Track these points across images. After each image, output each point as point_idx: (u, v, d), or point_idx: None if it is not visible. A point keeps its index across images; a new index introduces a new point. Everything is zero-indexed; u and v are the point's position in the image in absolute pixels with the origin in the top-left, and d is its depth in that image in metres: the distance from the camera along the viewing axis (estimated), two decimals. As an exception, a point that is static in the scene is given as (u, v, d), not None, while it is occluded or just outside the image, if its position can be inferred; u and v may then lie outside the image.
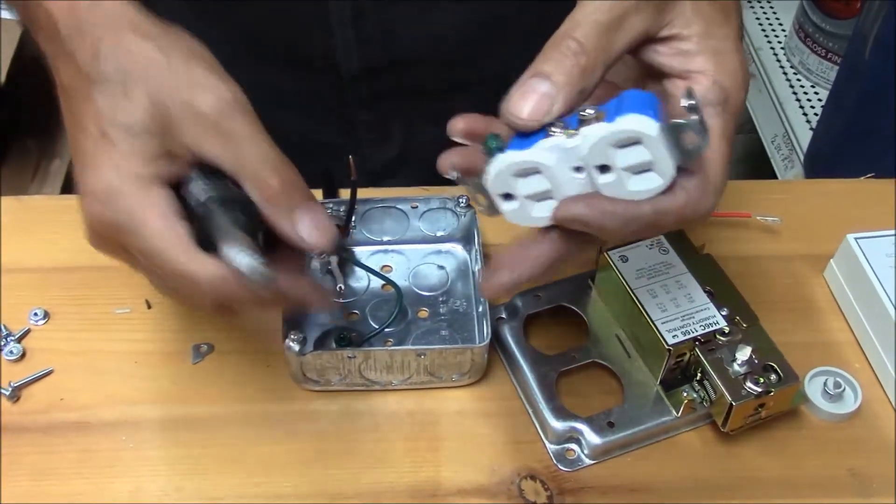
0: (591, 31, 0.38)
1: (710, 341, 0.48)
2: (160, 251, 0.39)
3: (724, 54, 0.40)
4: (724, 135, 0.40)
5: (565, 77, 0.37)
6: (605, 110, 0.37)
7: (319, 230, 0.40)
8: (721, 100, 0.40)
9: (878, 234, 0.55)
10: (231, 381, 0.52)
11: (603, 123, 0.37)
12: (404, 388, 0.51)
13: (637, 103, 0.37)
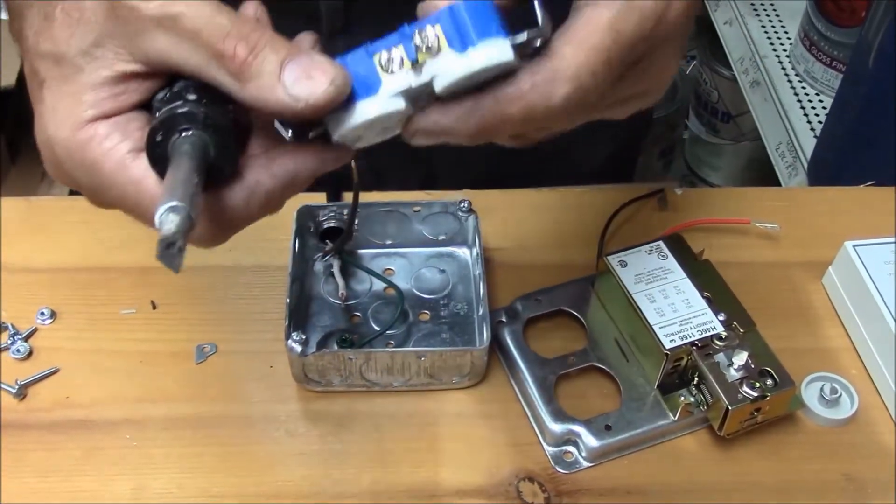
0: None
1: (708, 346, 0.49)
2: (121, 198, 0.37)
3: None
4: (609, 27, 0.36)
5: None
6: (442, 29, 0.34)
7: (312, 77, 0.35)
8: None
9: (877, 242, 0.56)
10: (234, 381, 0.52)
11: (453, 56, 0.34)
12: (405, 389, 0.51)
13: (479, 17, 0.34)
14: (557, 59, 0.36)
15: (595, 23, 0.36)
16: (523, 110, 0.36)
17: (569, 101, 0.36)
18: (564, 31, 0.36)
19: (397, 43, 0.35)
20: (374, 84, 0.36)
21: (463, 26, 0.34)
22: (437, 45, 0.34)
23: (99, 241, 0.59)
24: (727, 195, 0.64)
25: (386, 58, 0.35)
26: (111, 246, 0.58)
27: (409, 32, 0.35)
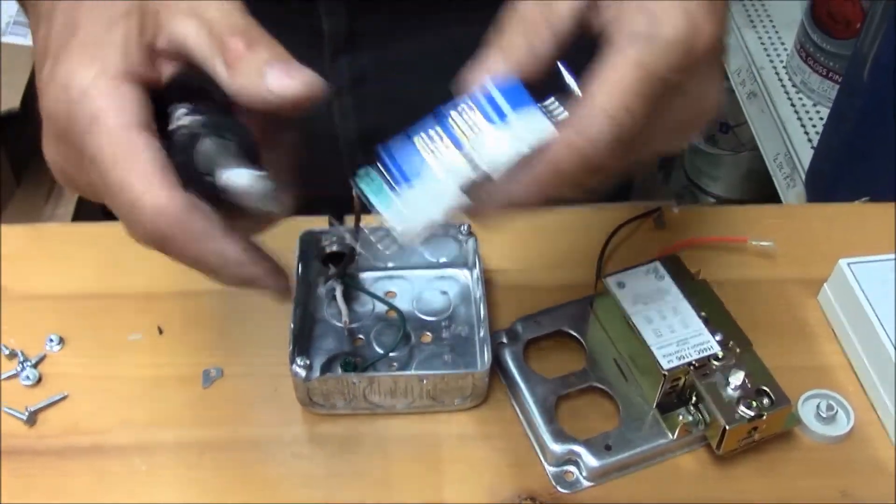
0: (532, 8, 0.39)
1: (705, 366, 0.50)
2: (112, 163, 0.37)
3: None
4: (637, 63, 0.37)
5: (517, 47, 0.38)
6: (480, 109, 0.37)
7: (291, 77, 0.37)
8: (645, 27, 0.37)
9: (871, 260, 0.56)
10: (240, 404, 0.53)
11: (496, 131, 0.36)
12: (408, 411, 0.52)
13: (513, 96, 0.37)
14: (591, 101, 0.37)
15: (622, 62, 0.37)
16: (571, 157, 0.37)
17: (611, 139, 0.37)
18: (595, 74, 0.38)
19: (436, 125, 0.37)
20: (417, 167, 0.37)
21: (494, 101, 0.37)
22: (476, 126, 0.37)
23: (105, 266, 0.60)
24: (724, 213, 0.65)
25: (427, 140, 0.37)
26: (117, 271, 0.59)
27: (446, 113, 0.37)
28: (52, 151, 0.40)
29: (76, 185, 0.41)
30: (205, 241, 0.38)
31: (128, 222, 0.38)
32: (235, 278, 0.39)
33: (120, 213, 0.38)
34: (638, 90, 0.37)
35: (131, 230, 0.38)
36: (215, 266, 0.38)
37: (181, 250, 0.38)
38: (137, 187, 0.36)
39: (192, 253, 0.38)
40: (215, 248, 0.38)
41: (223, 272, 0.39)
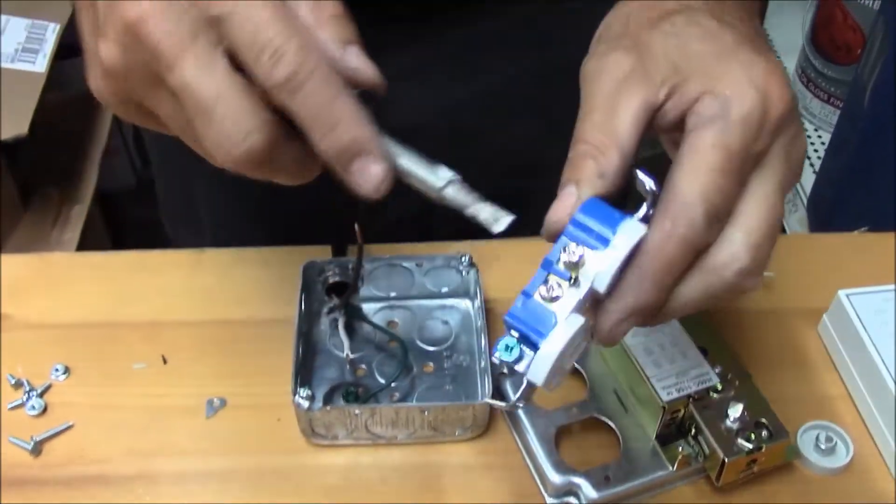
0: (591, 128, 0.40)
1: (704, 398, 0.50)
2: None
3: (722, 69, 0.40)
4: (718, 145, 0.39)
5: (587, 175, 0.39)
6: (579, 242, 0.38)
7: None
8: (718, 110, 0.39)
9: (870, 291, 0.57)
10: (243, 434, 0.54)
11: (600, 255, 0.38)
12: (409, 442, 0.53)
13: (603, 215, 0.39)
14: (678, 190, 0.39)
15: (701, 147, 0.39)
16: (676, 247, 0.38)
17: (705, 219, 0.38)
18: (677, 166, 0.39)
19: (547, 273, 0.39)
20: (547, 318, 0.38)
21: (588, 227, 0.38)
22: (582, 257, 0.38)
23: (110, 296, 0.60)
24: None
25: (545, 290, 0.38)
26: (122, 301, 0.60)
27: (553, 259, 0.39)
28: (111, 83, 0.38)
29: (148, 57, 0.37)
30: (341, 89, 0.37)
31: (273, 50, 0.36)
32: (356, 139, 0.37)
33: (256, 46, 0.36)
34: (721, 168, 0.38)
35: (270, 63, 0.36)
36: (342, 116, 0.37)
37: (318, 90, 0.36)
38: (289, 25, 0.36)
39: (328, 95, 0.36)
40: (349, 99, 0.37)
41: (347, 126, 0.37)
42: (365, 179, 0.38)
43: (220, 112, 0.36)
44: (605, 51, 0.43)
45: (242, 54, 0.36)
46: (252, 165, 0.37)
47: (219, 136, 0.36)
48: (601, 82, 0.41)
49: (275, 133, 0.37)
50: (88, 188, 1.19)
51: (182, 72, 0.35)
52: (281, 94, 0.36)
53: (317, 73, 0.36)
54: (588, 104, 0.41)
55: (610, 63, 0.42)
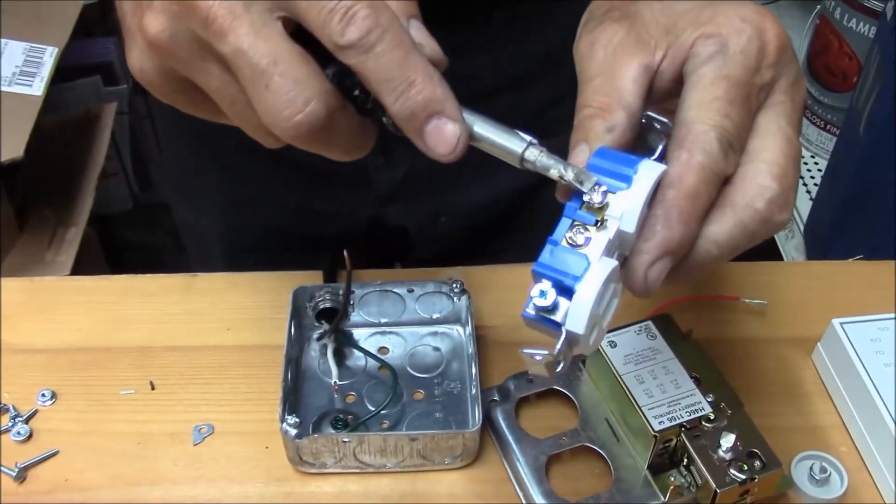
0: (593, 94, 0.41)
1: (696, 427, 0.49)
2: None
3: (714, 15, 0.41)
4: (721, 78, 0.39)
5: (595, 132, 0.40)
6: (599, 182, 0.38)
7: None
8: (715, 45, 0.40)
9: (864, 319, 0.56)
10: (230, 462, 0.53)
11: (623, 196, 0.38)
12: (398, 470, 0.52)
13: (620, 158, 0.39)
14: (689, 124, 0.39)
15: (704, 82, 0.40)
16: (697, 176, 0.38)
17: (720, 147, 0.39)
18: (683, 104, 0.40)
19: (571, 221, 0.38)
20: (579, 262, 0.37)
21: (612, 171, 0.38)
22: (606, 196, 0.38)
23: (99, 320, 0.60)
24: (716, 270, 0.65)
25: (572, 235, 0.38)
26: (111, 326, 0.60)
27: (575, 205, 0.38)
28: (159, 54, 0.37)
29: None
30: (414, 49, 0.36)
31: (345, 9, 0.34)
32: (432, 99, 0.36)
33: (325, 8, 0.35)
34: (727, 97, 0.39)
35: (341, 24, 0.35)
36: (416, 76, 0.36)
37: (392, 49, 0.35)
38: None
39: (401, 54, 0.35)
40: (421, 58, 0.36)
41: (422, 86, 0.36)
42: (440, 140, 0.37)
43: (279, 77, 0.35)
44: (595, 26, 0.43)
45: (308, 18, 0.35)
46: (310, 136, 0.36)
47: (277, 103, 0.35)
48: (595, 53, 0.42)
49: (334, 102, 0.36)
50: (84, 211, 1.18)
51: (236, 38, 0.34)
52: (353, 56, 0.35)
53: (390, 33, 0.35)
54: (586, 74, 0.41)
55: (602, 35, 0.42)
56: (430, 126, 0.36)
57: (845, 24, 1.10)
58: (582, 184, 0.38)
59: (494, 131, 0.38)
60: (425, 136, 0.37)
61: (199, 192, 0.76)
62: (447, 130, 0.37)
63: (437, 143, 0.37)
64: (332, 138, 0.37)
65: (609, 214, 0.38)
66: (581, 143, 0.40)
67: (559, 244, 0.38)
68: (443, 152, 0.37)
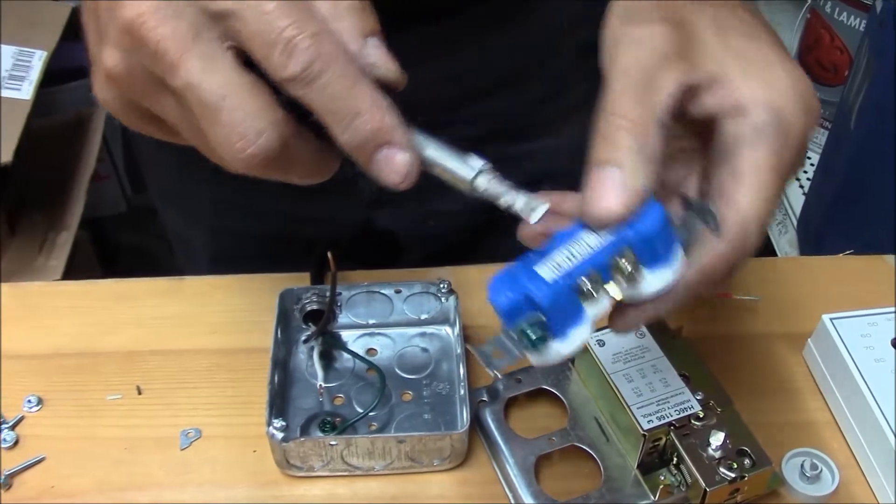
0: (629, 102, 0.38)
1: (685, 426, 0.49)
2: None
3: (773, 79, 0.39)
4: (775, 167, 0.39)
5: (631, 157, 0.37)
6: (640, 257, 0.37)
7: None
8: (778, 129, 0.38)
9: (854, 315, 0.56)
10: (218, 466, 0.53)
11: (658, 272, 0.37)
12: (386, 472, 0.52)
13: (666, 234, 0.38)
14: (740, 213, 0.38)
15: (761, 166, 0.38)
16: (728, 266, 0.39)
17: (761, 236, 0.39)
18: (734, 176, 0.39)
19: (592, 269, 0.37)
20: (578, 316, 0.37)
21: (656, 248, 0.37)
22: (634, 272, 0.37)
23: (86, 325, 0.60)
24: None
25: (587, 285, 0.37)
26: (98, 330, 0.59)
27: (603, 258, 0.37)
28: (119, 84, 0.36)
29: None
30: (360, 77, 0.35)
31: (286, 41, 0.34)
32: (380, 128, 0.35)
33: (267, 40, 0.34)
34: (778, 188, 0.39)
35: (283, 56, 0.34)
36: (363, 106, 0.35)
37: (336, 80, 0.34)
38: (301, 13, 0.34)
39: (346, 84, 0.34)
40: (369, 86, 0.35)
41: (370, 116, 0.35)
42: (391, 169, 0.36)
43: (229, 111, 0.34)
44: (641, 18, 0.40)
45: (252, 49, 0.34)
46: (265, 166, 0.35)
47: (229, 136, 0.34)
48: (639, 52, 0.39)
49: (288, 131, 0.35)
50: (75, 214, 1.18)
51: (186, 72, 0.34)
52: (296, 88, 0.34)
53: (333, 63, 0.34)
54: (623, 74, 0.39)
55: (649, 34, 0.39)
56: (380, 155, 0.36)
57: (836, 18, 1.09)
58: (533, 211, 0.37)
59: (445, 155, 0.38)
60: (375, 166, 0.36)
61: (185, 198, 0.76)
62: (397, 160, 0.36)
63: (388, 173, 0.36)
64: (289, 166, 0.37)
65: (628, 282, 0.37)
66: (611, 165, 0.38)
67: (573, 282, 0.37)
68: (394, 181, 0.36)
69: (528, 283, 0.37)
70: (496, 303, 0.37)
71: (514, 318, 0.37)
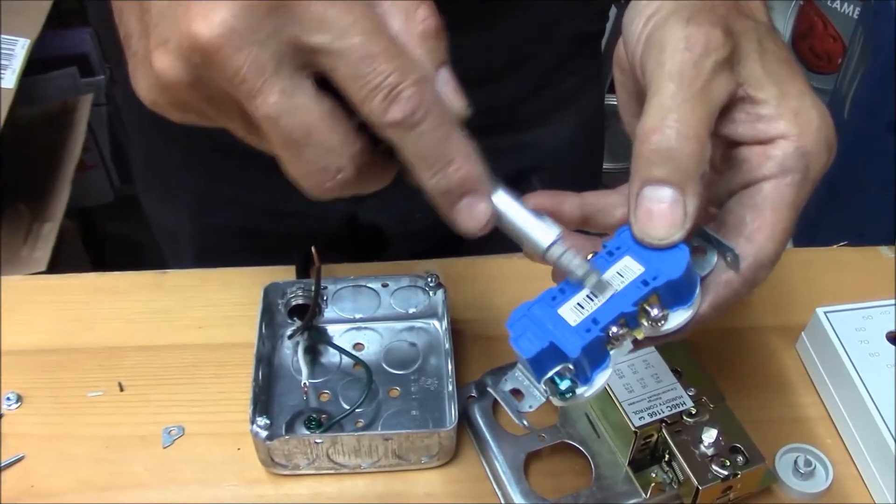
0: (687, 110, 0.36)
1: (677, 422, 0.48)
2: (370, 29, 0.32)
3: (803, 114, 0.38)
4: (794, 203, 0.38)
5: (691, 180, 0.36)
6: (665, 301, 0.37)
7: None
8: (801, 167, 0.38)
9: (848, 308, 0.55)
10: (202, 465, 0.52)
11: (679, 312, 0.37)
12: (373, 470, 0.51)
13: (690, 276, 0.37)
14: (758, 250, 0.38)
15: (781, 205, 0.38)
16: (738, 298, 0.39)
17: (771, 270, 0.39)
18: (754, 211, 0.38)
19: (621, 315, 0.36)
20: (603, 360, 0.37)
21: (677, 295, 0.37)
22: (662, 319, 0.37)
23: (67, 321, 0.58)
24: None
25: (616, 332, 0.36)
26: (79, 326, 0.58)
27: (633, 302, 0.36)
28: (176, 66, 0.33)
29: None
30: (455, 125, 0.34)
31: (389, 88, 0.33)
32: (467, 178, 0.35)
33: (368, 84, 0.32)
34: (794, 223, 0.38)
35: (384, 103, 0.33)
36: (455, 155, 0.34)
37: (433, 129, 0.33)
38: (405, 58, 0.33)
39: (443, 133, 0.34)
40: (461, 135, 0.35)
41: (459, 165, 0.35)
42: (471, 218, 0.36)
43: (311, 148, 0.33)
44: (694, 19, 0.37)
45: (349, 91, 0.33)
46: (339, 195, 0.35)
47: (309, 172, 0.34)
48: (695, 54, 0.36)
49: (364, 160, 0.34)
50: (60, 205, 1.16)
51: (267, 104, 0.32)
52: (393, 133, 0.33)
53: (433, 112, 0.33)
54: (678, 76, 0.36)
55: (706, 36, 0.37)
56: (463, 204, 0.35)
57: (830, 6, 1.08)
58: (597, 295, 0.37)
59: (523, 214, 0.37)
60: (456, 213, 0.36)
61: (170, 191, 0.74)
62: (479, 210, 0.36)
63: (468, 221, 0.36)
64: (357, 189, 0.36)
65: (651, 323, 0.37)
66: (669, 186, 0.36)
67: (602, 334, 0.36)
68: (472, 229, 0.36)
69: (554, 330, 0.37)
70: (521, 349, 0.37)
71: (540, 367, 0.37)
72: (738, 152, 0.39)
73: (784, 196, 0.38)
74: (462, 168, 0.35)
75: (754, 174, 0.38)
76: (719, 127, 0.39)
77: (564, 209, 0.44)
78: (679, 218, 0.36)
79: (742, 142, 0.39)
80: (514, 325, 0.38)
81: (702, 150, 0.36)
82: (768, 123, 0.38)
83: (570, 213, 0.44)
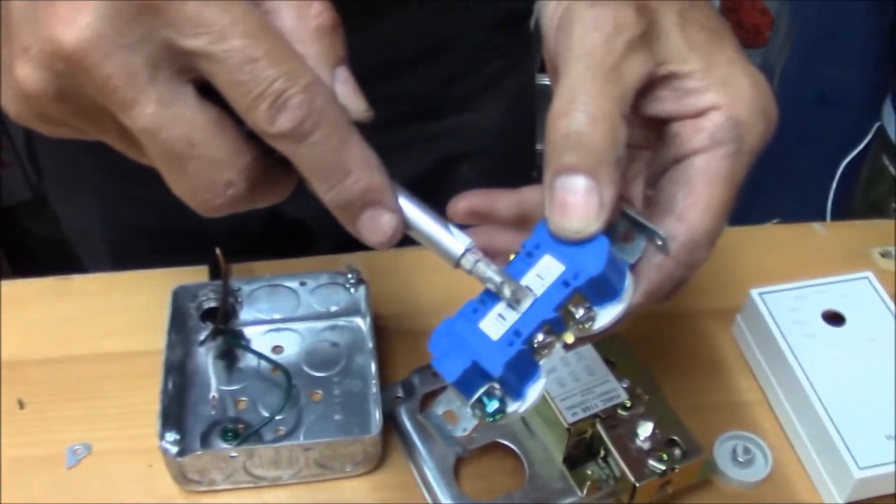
0: (595, 92, 0.33)
1: (612, 416, 0.46)
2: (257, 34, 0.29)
3: (733, 82, 0.36)
4: (729, 177, 0.36)
5: (604, 165, 0.33)
6: (592, 301, 0.34)
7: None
8: (734, 137, 0.35)
9: (782, 288, 0.54)
10: (110, 485, 0.48)
11: (607, 308, 0.34)
12: (296, 482, 0.48)
13: (616, 266, 0.34)
14: (691, 228, 0.35)
15: (716, 179, 0.35)
16: (674, 283, 0.37)
17: (711, 249, 0.37)
18: (685, 187, 0.35)
19: (544, 321, 0.33)
20: (533, 373, 0.34)
21: (609, 284, 0.34)
22: (589, 318, 0.34)
23: (-39, 334, 0.54)
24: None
25: (542, 340, 0.34)
26: (-26, 339, 0.54)
27: (554, 306, 0.33)
28: (38, 76, 0.30)
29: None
30: (351, 132, 0.32)
31: (275, 95, 0.30)
32: (368, 189, 0.32)
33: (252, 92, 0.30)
34: (731, 199, 0.36)
35: (271, 112, 0.30)
36: (353, 165, 0.32)
37: (327, 138, 0.31)
38: (293, 61, 0.30)
39: (337, 142, 0.31)
40: (359, 142, 0.32)
41: (359, 176, 0.32)
42: (375, 230, 0.33)
43: (196, 161, 0.30)
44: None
45: (232, 98, 0.30)
46: (232, 211, 0.32)
47: (196, 187, 0.31)
48: (603, 33, 0.34)
49: (257, 173, 0.31)
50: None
51: (143, 116, 0.29)
52: (282, 144, 0.30)
53: (325, 119, 0.30)
54: (586, 57, 0.34)
55: (614, 13, 0.34)
56: (365, 216, 0.33)
57: (756, -21, 1.08)
58: (518, 303, 0.34)
59: (431, 224, 0.34)
60: (359, 226, 0.33)
61: (78, 191, 0.70)
62: (383, 222, 0.33)
63: (372, 234, 0.33)
64: (251, 204, 0.33)
65: (578, 325, 0.34)
66: (580, 174, 0.33)
67: (525, 346, 0.33)
68: (376, 242, 0.34)
69: (476, 347, 0.33)
70: (443, 372, 0.34)
71: (466, 388, 0.34)
72: (669, 128, 0.37)
73: (717, 169, 0.35)
74: (361, 179, 0.32)
75: (684, 148, 0.36)
76: (646, 108, 0.37)
77: (499, 208, 0.41)
78: (594, 208, 0.33)
79: (673, 118, 0.37)
80: (436, 345, 0.35)
81: (614, 132, 0.33)
82: (696, 96, 0.36)
83: (505, 212, 0.42)
